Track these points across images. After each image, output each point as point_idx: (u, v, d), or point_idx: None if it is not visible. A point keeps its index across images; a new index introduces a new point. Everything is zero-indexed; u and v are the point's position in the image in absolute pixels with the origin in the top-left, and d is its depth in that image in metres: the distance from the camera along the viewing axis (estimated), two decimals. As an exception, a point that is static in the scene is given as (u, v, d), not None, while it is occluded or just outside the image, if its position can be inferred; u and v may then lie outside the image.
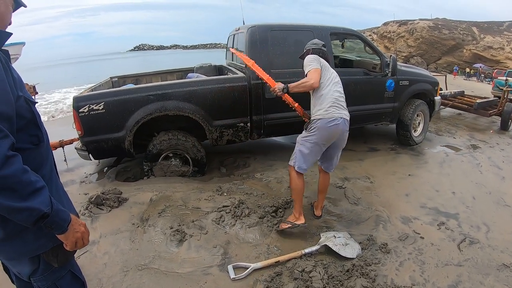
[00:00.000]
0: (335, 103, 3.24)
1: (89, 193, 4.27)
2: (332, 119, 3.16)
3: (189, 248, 3.08)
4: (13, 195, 1.18)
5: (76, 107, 4.24)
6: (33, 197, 1.22)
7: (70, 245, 1.42)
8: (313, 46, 3.65)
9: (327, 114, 3.17)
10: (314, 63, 3.32)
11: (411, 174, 4.94)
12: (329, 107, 3.19)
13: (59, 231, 1.36)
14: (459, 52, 29.16)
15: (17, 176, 1.18)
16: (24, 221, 1.25)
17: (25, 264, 1.48)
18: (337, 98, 3.29)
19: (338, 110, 3.22)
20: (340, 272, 2.74)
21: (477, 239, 3.36)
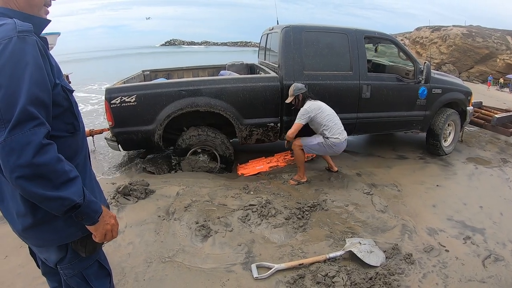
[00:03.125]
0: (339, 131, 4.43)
1: (116, 183, 4.38)
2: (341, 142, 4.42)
3: (213, 244, 3.12)
4: (46, 183, 1.17)
5: (108, 98, 4.33)
6: (66, 186, 1.22)
7: (99, 237, 1.42)
8: (301, 91, 4.44)
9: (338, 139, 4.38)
10: (301, 117, 4.36)
11: (439, 185, 4.84)
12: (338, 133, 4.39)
13: (89, 222, 1.36)
14: (492, 62, 28.38)
15: (51, 164, 1.18)
16: (55, 210, 1.24)
17: (53, 252, 1.47)
18: (340, 126, 4.48)
19: (342, 135, 4.43)
20: (363, 280, 2.72)
21: (502, 256, 3.26)
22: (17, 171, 1.12)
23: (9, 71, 1.13)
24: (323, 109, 4.37)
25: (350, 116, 5.08)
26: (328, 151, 4.43)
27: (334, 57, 4.96)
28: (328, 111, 4.40)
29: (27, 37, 1.19)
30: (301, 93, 4.37)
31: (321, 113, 4.32)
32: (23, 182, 1.14)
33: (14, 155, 1.11)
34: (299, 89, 4.37)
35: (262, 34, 6.36)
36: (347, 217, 3.67)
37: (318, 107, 4.34)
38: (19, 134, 1.12)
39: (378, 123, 5.39)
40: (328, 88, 4.83)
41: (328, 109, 4.42)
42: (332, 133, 4.32)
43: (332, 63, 4.93)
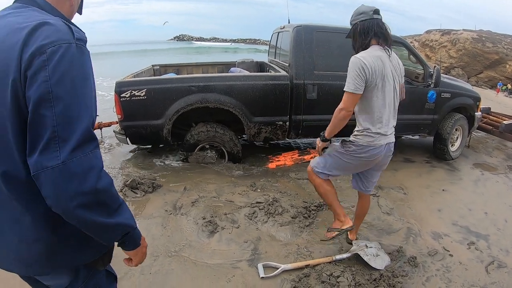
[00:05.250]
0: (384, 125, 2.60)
1: (124, 176, 4.42)
2: (374, 148, 2.60)
3: (220, 240, 3.16)
4: (104, 210, 1.07)
5: (118, 92, 4.37)
6: (121, 212, 1.13)
7: (137, 261, 1.35)
8: (361, 18, 2.55)
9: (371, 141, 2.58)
10: (354, 77, 2.44)
11: (445, 190, 4.84)
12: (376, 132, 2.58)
13: (131, 247, 1.26)
14: (501, 67, 28.15)
15: (109, 189, 1.07)
16: (109, 239, 1.17)
17: (64, 276, 1.31)
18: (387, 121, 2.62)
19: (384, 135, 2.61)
20: (367, 281, 2.74)
21: (505, 263, 3.26)
22: (78, 198, 0.98)
23: (71, 83, 1.00)
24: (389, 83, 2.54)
25: (359, 118, 5.05)
26: (353, 163, 2.70)
27: (345, 57, 4.95)
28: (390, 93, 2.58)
29: (84, 48, 1.08)
30: (360, 22, 2.53)
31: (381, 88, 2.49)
32: (83, 211, 1.01)
33: (76, 180, 0.98)
34: (359, 13, 2.56)
35: (272, 32, 6.37)
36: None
37: (384, 72, 2.48)
38: (81, 157, 0.99)
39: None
40: (338, 89, 4.79)
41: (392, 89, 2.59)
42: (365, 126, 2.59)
43: (343, 63, 4.90)
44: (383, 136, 2.60)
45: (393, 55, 2.63)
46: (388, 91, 2.54)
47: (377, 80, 2.45)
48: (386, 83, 2.51)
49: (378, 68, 2.44)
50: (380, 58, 2.48)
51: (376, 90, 2.48)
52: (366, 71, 2.40)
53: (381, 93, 2.51)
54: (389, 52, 2.57)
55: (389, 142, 2.68)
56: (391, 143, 2.70)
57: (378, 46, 2.54)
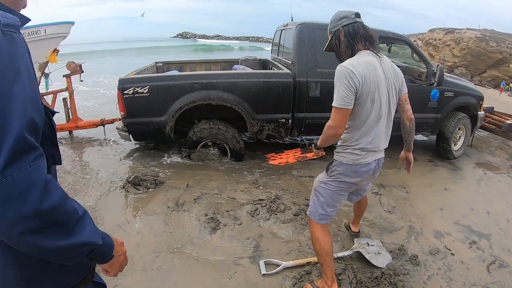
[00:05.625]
0: (373, 141, 2.27)
1: (127, 172, 4.45)
2: (361, 166, 2.31)
3: (222, 237, 3.18)
4: (59, 231, 0.88)
5: (121, 89, 4.40)
6: (81, 228, 0.93)
7: (115, 272, 1.19)
8: (343, 22, 2.27)
9: (356, 159, 2.29)
10: (343, 89, 2.11)
11: (447, 189, 4.84)
12: (365, 146, 2.27)
13: (104, 261, 1.11)
14: (505, 67, 28.04)
15: (60, 205, 0.88)
16: (72, 260, 0.98)
17: None
18: (377, 137, 2.29)
19: (373, 151, 2.31)
20: (369, 278, 2.75)
21: (507, 262, 3.26)
22: (21, 224, 0.81)
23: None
24: (380, 92, 2.18)
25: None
26: (342, 188, 2.43)
27: (348, 56, 4.97)
28: (381, 105, 2.21)
29: (15, 35, 0.87)
30: (343, 27, 2.26)
31: (370, 99, 2.15)
32: (30, 237, 0.84)
33: (13, 204, 0.79)
34: (340, 18, 2.29)
35: (276, 30, 6.37)
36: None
37: (374, 80, 2.13)
38: (17, 173, 0.79)
39: (390, 124, 5.38)
40: (340, 87, 4.84)
41: (384, 99, 2.22)
42: (348, 140, 2.30)
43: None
44: (371, 153, 2.28)
45: (385, 58, 2.29)
46: (383, 103, 2.20)
47: (370, 90, 2.12)
48: (381, 93, 2.17)
49: (370, 76, 2.11)
50: (372, 64, 2.16)
51: (368, 102, 2.14)
52: (355, 81, 2.07)
53: (373, 105, 2.16)
54: (379, 56, 2.25)
55: (378, 158, 2.37)
56: (381, 158, 2.40)
57: (367, 51, 2.22)
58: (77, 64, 6.18)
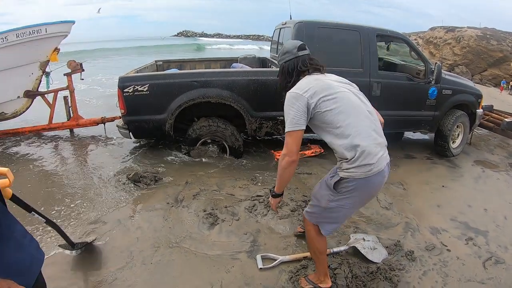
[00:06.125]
0: (373, 143, 2.11)
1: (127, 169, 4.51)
2: (377, 174, 2.11)
3: (220, 232, 3.22)
4: None
5: (121, 87, 4.45)
6: None
7: None
8: (285, 58, 2.34)
9: (369, 169, 2.07)
10: (291, 113, 2.12)
11: (445, 186, 4.87)
12: (369, 144, 2.08)
13: None
14: (506, 65, 27.96)
15: None
16: None
17: None
18: (372, 131, 2.15)
19: (380, 154, 2.12)
20: (364, 273, 2.78)
21: (503, 259, 3.29)
22: None
23: None
24: (343, 91, 2.17)
25: (360, 114, 5.07)
26: (350, 206, 2.25)
27: (346, 54, 5.00)
28: (349, 98, 2.17)
29: None
30: (285, 63, 2.34)
31: (336, 100, 2.10)
32: None
33: None
34: (284, 53, 2.36)
35: (275, 28, 6.40)
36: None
37: (328, 85, 2.15)
38: None
39: (387, 121, 5.38)
40: (338, 85, 4.87)
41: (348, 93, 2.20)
42: (349, 152, 2.07)
43: (343, 59, 4.95)
44: (380, 152, 2.12)
45: (329, 75, 2.33)
46: (351, 99, 2.16)
47: (326, 95, 2.09)
48: (341, 92, 2.14)
49: (317, 86, 2.12)
50: (316, 78, 2.21)
51: (332, 104, 2.09)
52: (303, 99, 2.08)
53: (342, 105, 2.10)
54: (324, 75, 2.29)
55: (388, 161, 2.21)
56: (389, 161, 2.23)
57: (307, 75, 2.27)
58: (77, 62, 6.23)
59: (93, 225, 3.28)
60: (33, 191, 3.99)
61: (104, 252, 2.91)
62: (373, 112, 2.27)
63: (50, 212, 3.49)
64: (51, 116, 6.11)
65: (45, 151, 5.36)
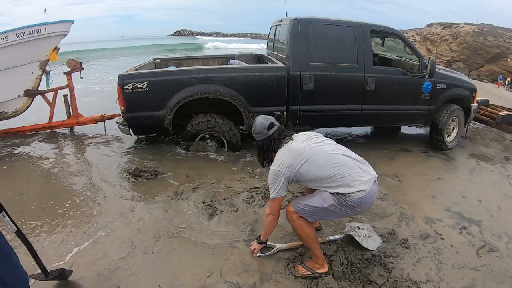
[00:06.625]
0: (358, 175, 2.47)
1: (128, 164, 4.60)
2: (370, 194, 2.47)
3: (219, 222, 3.31)
4: None
5: (120, 84, 4.53)
6: None
7: None
8: (259, 137, 2.76)
9: (365, 194, 2.42)
10: (274, 185, 2.51)
11: (440, 178, 4.93)
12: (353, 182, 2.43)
13: None
14: (503, 61, 27.95)
15: None
16: None
17: None
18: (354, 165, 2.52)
19: (366, 178, 2.48)
20: (360, 260, 2.86)
21: (496, 247, 3.35)
22: None
23: None
24: (310, 149, 2.50)
25: (355, 108, 5.21)
26: (349, 213, 2.63)
27: (340, 49, 5.07)
28: (323, 149, 2.54)
29: None
30: (259, 141, 2.76)
31: (307, 162, 2.46)
32: None
33: None
34: (256, 132, 2.75)
35: (271, 25, 6.48)
36: None
37: (297, 152, 2.50)
38: None
39: (382, 115, 5.51)
40: (333, 80, 4.95)
41: (321, 146, 2.56)
42: (348, 185, 2.42)
43: (338, 55, 5.04)
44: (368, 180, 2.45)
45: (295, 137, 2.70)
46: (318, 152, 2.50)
47: (297, 163, 2.46)
48: (308, 152, 2.48)
49: (288, 157, 2.50)
50: (286, 151, 2.56)
51: (305, 167, 2.45)
52: (281, 173, 2.47)
53: (312, 163, 2.45)
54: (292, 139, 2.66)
55: (375, 179, 2.53)
56: (376, 179, 2.55)
57: (279, 149, 2.65)
58: (77, 61, 6.29)
59: (94, 218, 3.36)
60: (34, 187, 4.06)
61: (106, 243, 2.98)
62: (343, 148, 2.69)
63: (51, 206, 3.56)
64: (51, 115, 6.17)
65: (45, 149, 5.42)
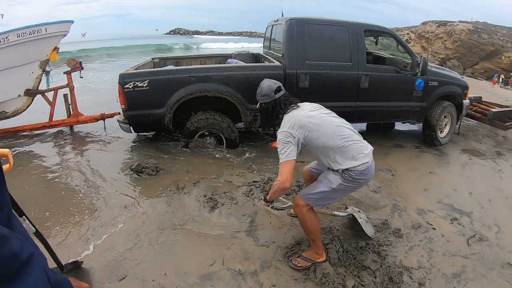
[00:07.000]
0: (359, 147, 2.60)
1: (129, 161, 4.74)
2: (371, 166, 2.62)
3: (220, 214, 3.46)
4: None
5: (122, 83, 4.65)
6: (24, 276, 0.83)
7: None
8: (264, 100, 2.71)
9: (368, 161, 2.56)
10: (285, 147, 2.48)
11: (432, 172, 5.07)
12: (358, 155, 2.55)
13: None
14: (497, 59, 28.13)
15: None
16: None
17: None
18: (357, 139, 2.63)
19: (368, 150, 2.64)
20: (354, 248, 3.00)
21: (486, 237, 3.47)
22: None
23: None
24: (318, 118, 2.56)
25: (349, 105, 5.35)
26: (354, 188, 2.71)
27: (335, 48, 5.21)
28: (330, 120, 2.61)
29: None
30: (264, 104, 2.71)
31: (317, 129, 2.50)
32: None
33: None
34: (262, 95, 2.70)
35: (267, 25, 6.62)
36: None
37: (307, 118, 2.53)
38: None
39: (376, 112, 5.66)
40: (328, 78, 5.09)
41: (328, 118, 2.63)
42: (353, 157, 2.52)
43: (333, 54, 5.19)
44: (369, 154, 2.61)
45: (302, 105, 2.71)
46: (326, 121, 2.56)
47: (308, 127, 2.48)
48: (317, 119, 2.54)
49: (299, 121, 2.50)
50: (295, 115, 2.56)
51: (313, 132, 2.49)
52: (292, 135, 2.46)
53: (320, 130, 2.50)
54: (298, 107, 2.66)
55: (372, 149, 2.70)
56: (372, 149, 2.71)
57: (286, 113, 2.63)
58: (77, 61, 6.39)
59: (99, 213, 3.48)
60: (37, 185, 4.16)
61: (112, 236, 3.10)
62: (347, 122, 2.72)
63: (56, 205, 3.66)
64: (51, 114, 6.24)
65: (46, 148, 5.51)
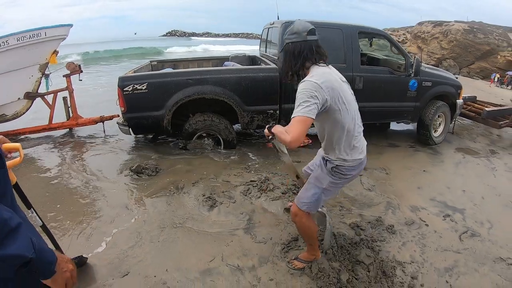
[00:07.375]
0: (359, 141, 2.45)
1: (129, 163, 4.83)
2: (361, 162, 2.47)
3: (218, 213, 3.56)
4: None
5: (121, 86, 4.74)
6: (10, 240, 0.93)
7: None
8: (293, 38, 2.30)
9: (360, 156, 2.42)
10: (309, 100, 2.05)
11: (426, 171, 5.15)
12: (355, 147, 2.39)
13: (45, 276, 1.08)
14: (493, 58, 28.28)
15: None
16: (3, 272, 0.96)
17: None
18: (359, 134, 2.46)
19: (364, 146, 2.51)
20: (349, 244, 3.10)
21: (478, 233, 3.56)
22: None
23: None
24: (350, 94, 2.34)
25: (344, 106, 5.39)
26: (343, 184, 2.57)
27: (329, 50, 5.22)
28: (355, 103, 2.41)
29: None
30: (292, 43, 2.30)
31: (346, 102, 2.23)
32: None
33: None
34: (292, 32, 2.31)
35: (263, 28, 6.72)
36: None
37: (340, 85, 2.23)
38: None
39: (371, 112, 5.74)
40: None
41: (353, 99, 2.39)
42: (356, 149, 2.40)
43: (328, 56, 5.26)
44: (365, 150, 2.49)
45: (333, 69, 2.39)
46: (351, 100, 2.31)
47: (338, 93, 2.16)
48: (346, 93, 2.25)
49: (331, 80, 2.16)
50: (327, 72, 2.23)
51: (340, 104, 2.18)
52: (322, 91, 2.07)
53: (345, 105, 2.22)
54: (329, 68, 2.34)
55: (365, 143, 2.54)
56: None
57: (317, 65, 2.27)
58: (76, 64, 6.46)
59: (100, 213, 3.57)
60: (39, 187, 4.22)
61: (114, 234, 3.19)
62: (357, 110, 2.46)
63: (56, 205, 3.74)
64: (51, 117, 6.30)
65: (46, 151, 5.57)
